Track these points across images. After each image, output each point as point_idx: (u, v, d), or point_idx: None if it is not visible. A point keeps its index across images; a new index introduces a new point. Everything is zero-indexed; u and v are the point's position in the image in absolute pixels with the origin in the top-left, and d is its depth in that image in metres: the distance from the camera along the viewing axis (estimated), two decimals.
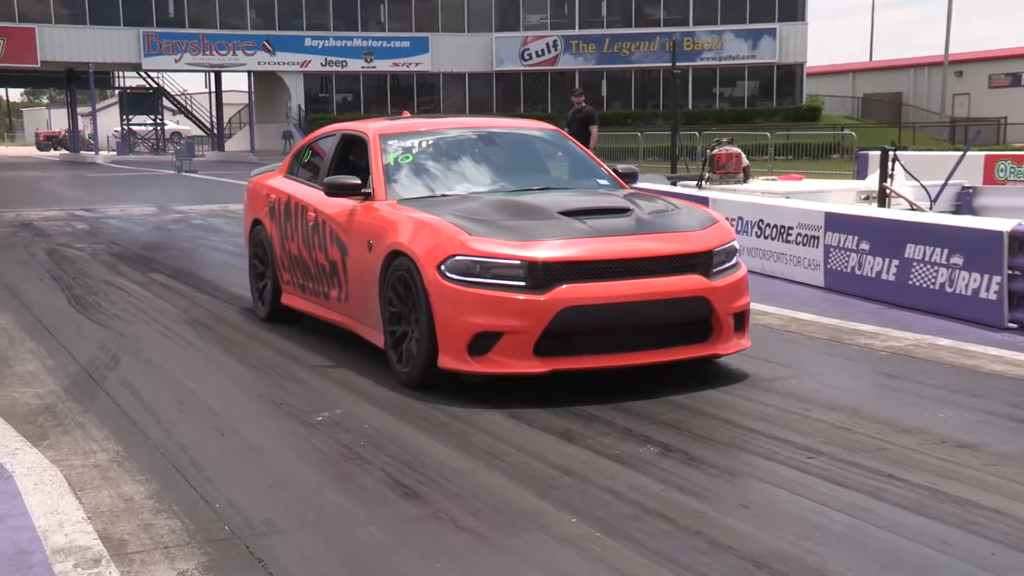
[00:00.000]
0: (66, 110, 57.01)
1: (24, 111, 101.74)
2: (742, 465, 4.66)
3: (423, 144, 7.24)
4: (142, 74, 51.45)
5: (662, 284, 5.76)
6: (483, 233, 5.79)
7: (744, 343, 6.26)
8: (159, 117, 54.65)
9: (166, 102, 54.42)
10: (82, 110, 56.88)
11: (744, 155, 19.71)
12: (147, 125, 55.51)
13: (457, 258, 5.68)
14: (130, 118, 54.01)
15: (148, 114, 54.45)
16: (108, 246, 13.80)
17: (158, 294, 9.77)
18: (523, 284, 5.58)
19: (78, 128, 53.92)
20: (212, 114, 53.14)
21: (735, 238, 6.36)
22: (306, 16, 48.82)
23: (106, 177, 33.34)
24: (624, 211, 6.20)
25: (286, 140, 48.41)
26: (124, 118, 53.82)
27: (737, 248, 6.33)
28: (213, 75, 51.20)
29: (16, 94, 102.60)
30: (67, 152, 55.55)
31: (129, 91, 55.18)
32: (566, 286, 5.58)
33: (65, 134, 59.95)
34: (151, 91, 53.20)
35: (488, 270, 5.63)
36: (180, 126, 61.93)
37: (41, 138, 69.81)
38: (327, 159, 7.65)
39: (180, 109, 55.16)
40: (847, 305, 8.71)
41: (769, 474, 4.54)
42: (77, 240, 14.58)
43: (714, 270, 6.00)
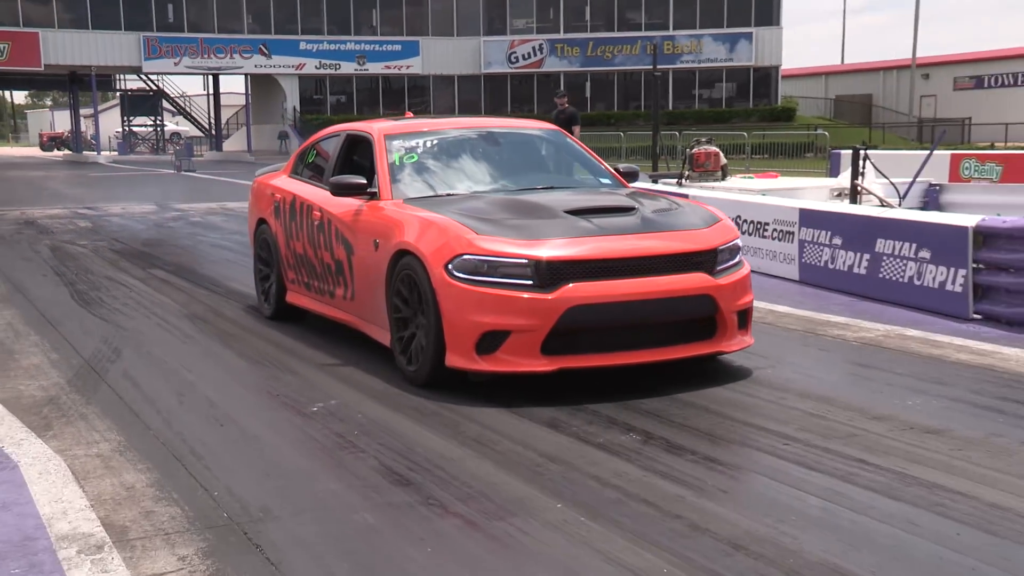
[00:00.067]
0: (69, 112, 56.80)
1: (28, 113, 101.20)
2: (720, 452, 4.67)
3: (427, 144, 7.04)
4: (142, 77, 51.24)
5: (668, 282, 5.59)
6: (490, 232, 5.62)
7: (748, 340, 6.11)
8: (159, 118, 54.45)
9: (166, 104, 54.22)
10: (84, 112, 56.65)
11: (722, 154, 19.72)
12: (147, 126, 55.31)
13: (465, 257, 5.50)
14: (131, 119, 53.85)
15: (148, 115, 54.25)
16: (110, 243, 13.74)
17: (158, 289, 9.73)
18: (530, 283, 5.41)
19: (80, 129, 53.73)
20: (210, 115, 53.00)
21: (738, 236, 6.19)
22: (301, 21, 48.72)
23: (107, 176, 33.18)
24: (629, 210, 6.03)
25: (282, 140, 48.40)
26: (125, 119, 53.68)
27: (740, 246, 6.16)
28: (211, 78, 51.01)
29: (20, 96, 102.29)
30: (70, 152, 55.32)
31: (130, 93, 55.03)
32: (573, 285, 5.42)
33: (68, 135, 59.65)
34: (151, 93, 53.01)
35: (496, 269, 5.45)
36: (179, 127, 61.71)
37: (45, 139, 69.42)
38: (332, 159, 7.44)
39: (179, 111, 54.98)
40: (821, 298, 8.74)
41: (746, 460, 4.55)
42: (80, 237, 14.51)
43: (719, 268, 5.83)
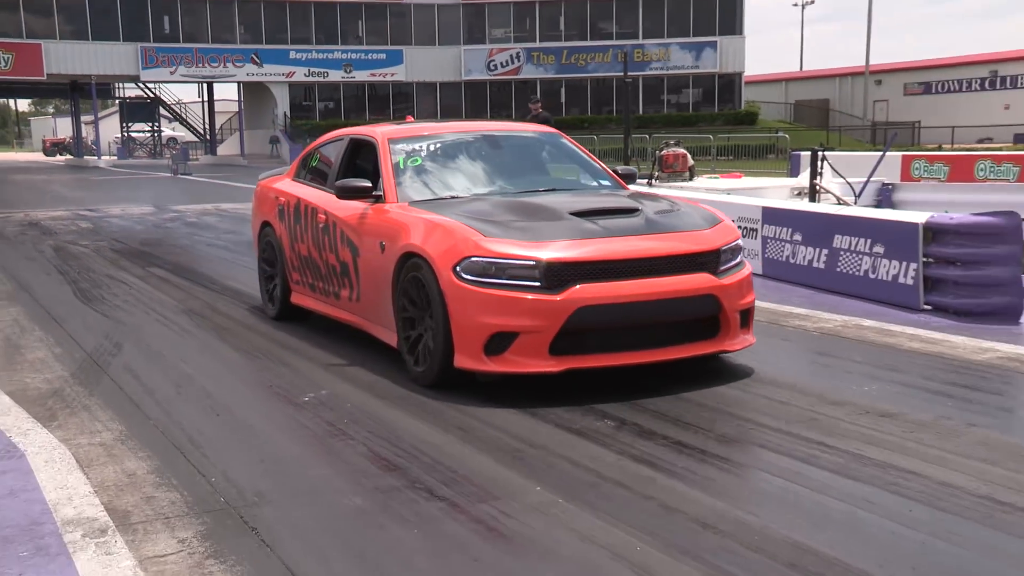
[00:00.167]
0: (70, 118, 56.33)
1: (31, 119, 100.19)
2: (689, 436, 4.68)
3: (430, 147, 6.78)
4: (140, 85, 50.90)
5: (673, 283, 5.38)
6: (497, 234, 5.39)
7: (750, 339, 5.88)
8: (156, 124, 54.23)
9: (162, 110, 53.94)
10: (85, 118, 56.21)
11: (689, 156, 19.79)
12: (145, 132, 55.07)
13: (472, 259, 5.28)
14: (129, 125, 53.60)
15: (146, 122, 54.03)
16: (110, 243, 13.64)
17: (157, 287, 9.66)
18: (538, 284, 5.19)
19: (82, 135, 53.31)
20: (205, 121, 52.74)
21: (740, 236, 5.96)
22: (291, 31, 48.55)
23: (108, 180, 32.92)
24: (633, 211, 5.81)
25: (273, 144, 48.20)
26: (124, 125, 53.42)
27: (742, 246, 5.95)
28: (206, 85, 50.77)
29: (24, 104, 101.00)
30: (71, 157, 54.84)
31: (128, 101, 54.72)
32: (580, 286, 5.20)
33: (69, 140, 59.14)
34: (149, 101, 52.72)
35: (503, 271, 5.23)
36: (176, 132, 61.29)
37: (47, 144, 68.84)
38: (336, 163, 7.20)
39: (175, 117, 54.67)
40: (783, 291, 8.78)
41: (714, 444, 4.57)
42: (82, 238, 14.40)
43: (722, 268, 5.62)
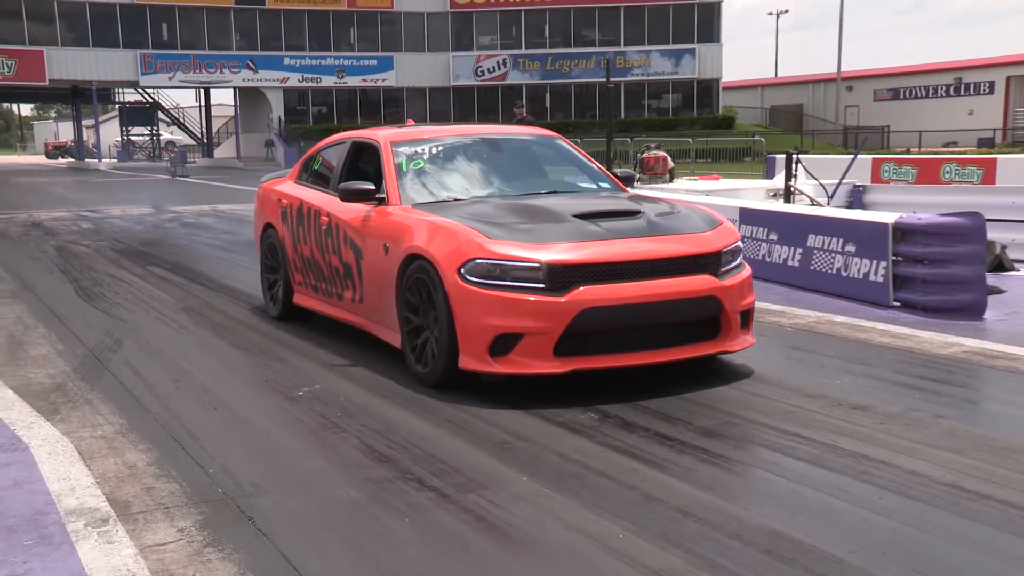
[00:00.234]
0: (72, 122, 56.07)
1: (34, 124, 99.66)
2: (669, 428, 4.69)
3: (432, 150, 6.65)
4: (139, 90, 50.73)
5: (675, 284, 5.27)
6: (501, 236, 5.26)
7: (750, 340, 5.77)
8: (155, 128, 53.94)
9: (161, 115, 53.68)
10: (86, 122, 55.88)
11: (670, 158, 19.84)
12: (144, 135, 54.77)
13: (477, 261, 5.15)
14: (129, 129, 53.33)
15: (145, 126, 53.79)
16: (111, 243, 13.57)
17: (156, 285, 9.62)
18: (542, 286, 5.06)
19: (83, 138, 53.05)
20: (202, 125, 52.54)
21: (740, 238, 5.86)
22: (285, 38, 48.41)
23: (108, 182, 32.75)
24: (634, 213, 5.69)
25: (268, 148, 48.08)
26: (124, 129, 53.14)
27: (742, 248, 5.84)
28: (203, 91, 50.58)
29: (27, 109, 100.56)
30: (73, 160, 54.63)
31: (128, 105, 54.43)
32: (584, 287, 5.08)
33: (71, 144, 58.90)
34: (148, 105, 52.49)
35: (508, 273, 5.10)
36: (174, 136, 61.00)
37: (50, 148, 68.53)
38: (338, 166, 7.05)
39: (173, 121, 54.50)
40: (759, 288, 8.68)
41: (694, 435, 4.58)
42: (83, 238, 14.32)
43: (723, 270, 5.52)
